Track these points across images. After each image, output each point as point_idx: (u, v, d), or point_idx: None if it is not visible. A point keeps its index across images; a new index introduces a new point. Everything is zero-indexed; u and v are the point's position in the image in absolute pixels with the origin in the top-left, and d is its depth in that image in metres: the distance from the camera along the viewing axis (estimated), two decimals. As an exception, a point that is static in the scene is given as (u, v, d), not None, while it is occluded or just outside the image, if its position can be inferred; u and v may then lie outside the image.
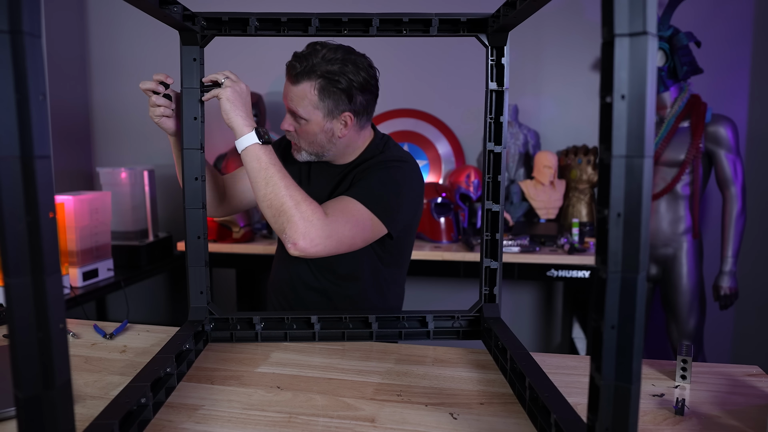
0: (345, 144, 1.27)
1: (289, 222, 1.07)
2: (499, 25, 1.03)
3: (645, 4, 0.48)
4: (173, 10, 0.98)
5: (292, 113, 1.23)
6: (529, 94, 2.76)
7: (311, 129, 1.22)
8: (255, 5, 1.66)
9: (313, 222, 1.07)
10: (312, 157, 1.29)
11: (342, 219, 1.13)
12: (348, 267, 1.31)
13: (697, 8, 2.49)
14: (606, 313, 0.52)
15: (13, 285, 0.48)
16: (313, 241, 1.07)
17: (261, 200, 1.10)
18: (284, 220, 1.07)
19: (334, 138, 1.24)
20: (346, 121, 1.23)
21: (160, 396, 0.86)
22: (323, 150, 1.26)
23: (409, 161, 1.29)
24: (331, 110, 1.20)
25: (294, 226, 1.06)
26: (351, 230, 1.14)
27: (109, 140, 3.18)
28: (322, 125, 1.21)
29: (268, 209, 1.09)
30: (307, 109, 1.19)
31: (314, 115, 1.20)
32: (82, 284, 2.14)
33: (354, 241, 1.16)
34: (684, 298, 2.12)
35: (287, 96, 1.22)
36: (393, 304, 1.40)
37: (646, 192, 0.50)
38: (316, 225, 1.07)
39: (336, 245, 1.12)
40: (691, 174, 2.11)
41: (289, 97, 1.21)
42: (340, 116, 1.22)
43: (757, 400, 0.89)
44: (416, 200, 1.29)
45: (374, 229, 1.18)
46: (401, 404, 0.87)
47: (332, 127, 1.23)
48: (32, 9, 0.48)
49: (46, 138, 0.49)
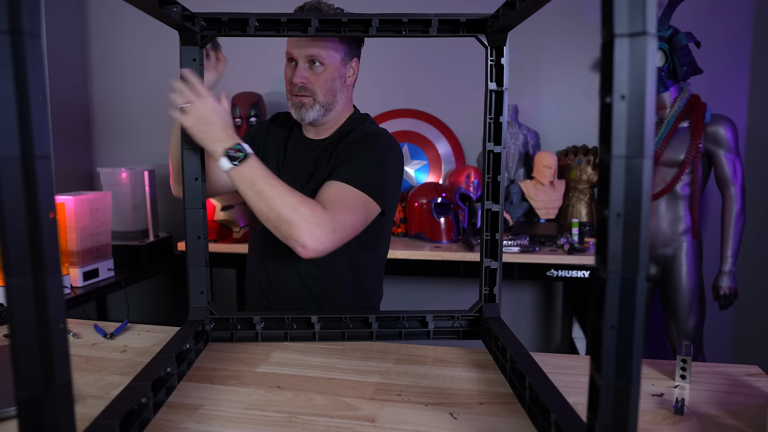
0: (346, 100, 1.33)
1: (292, 228, 1.06)
2: (498, 26, 1.03)
3: (645, 5, 0.48)
4: (173, 11, 0.98)
5: (309, 61, 1.24)
6: (528, 94, 2.76)
7: (329, 75, 1.26)
8: (255, 5, 1.66)
9: (315, 221, 1.07)
10: (321, 111, 1.29)
11: (341, 209, 1.13)
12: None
13: (696, 8, 2.49)
14: (606, 313, 0.52)
15: (13, 285, 0.48)
16: (321, 239, 1.07)
17: (259, 214, 1.10)
18: (286, 228, 1.07)
19: (344, 86, 1.30)
20: (354, 68, 1.31)
21: (161, 396, 0.86)
22: (334, 100, 1.29)
23: (386, 135, 1.32)
24: (347, 53, 1.28)
25: (298, 230, 1.06)
26: (351, 217, 1.14)
27: (109, 140, 3.18)
28: (339, 69, 1.27)
29: (268, 221, 1.09)
30: (329, 52, 1.24)
31: (334, 58, 1.25)
32: (82, 284, 2.14)
33: (356, 227, 1.17)
34: (684, 298, 2.12)
35: (299, 43, 1.23)
36: (369, 291, 1.40)
37: (646, 192, 0.50)
38: (319, 223, 1.07)
39: (342, 236, 1.12)
40: (690, 174, 2.11)
41: (304, 42, 1.23)
42: (350, 62, 1.30)
43: (757, 400, 0.89)
44: (399, 174, 1.31)
45: (369, 209, 1.19)
46: (401, 404, 0.87)
47: (345, 73, 1.29)
48: (32, 9, 0.48)
49: (46, 138, 0.49)
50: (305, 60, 1.24)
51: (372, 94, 2.89)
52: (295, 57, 1.25)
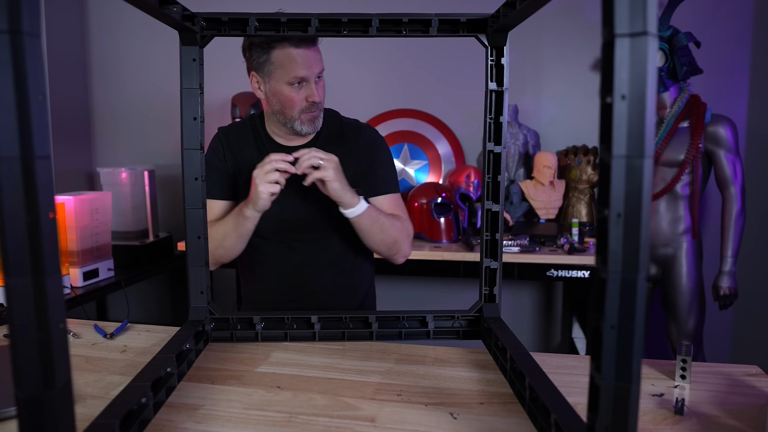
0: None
1: (401, 245, 1.32)
2: (498, 26, 1.03)
3: (645, 4, 0.48)
4: (173, 11, 0.98)
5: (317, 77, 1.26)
6: (529, 94, 2.76)
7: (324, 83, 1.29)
8: (255, 5, 1.66)
9: (410, 233, 1.36)
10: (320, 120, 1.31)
11: (405, 215, 1.37)
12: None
13: (696, 8, 2.49)
14: (606, 313, 0.52)
15: (13, 285, 0.48)
16: (410, 245, 1.36)
17: (377, 245, 1.29)
18: (397, 247, 1.32)
19: None
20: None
21: (161, 396, 0.86)
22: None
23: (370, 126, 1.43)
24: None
25: (405, 245, 1.33)
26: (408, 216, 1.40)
27: (109, 140, 3.18)
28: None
29: (384, 247, 1.30)
30: (321, 64, 1.26)
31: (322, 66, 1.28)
32: (82, 284, 2.14)
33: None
34: (683, 298, 2.12)
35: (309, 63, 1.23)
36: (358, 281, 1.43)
37: (646, 192, 0.50)
38: (409, 234, 1.35)
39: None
40: (690, 174, 2.11)
41: (314, 59, 1.23)
42: None
43: (757, 400, 0.89)
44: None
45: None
46: (401, 404, 0.87)
47: None
48: (32, 9, 0.48)
49: (46, 138, 0.49)
50: (315, 76, 1.24)
51: (372, 94, 2.89)
52: (308, 77, 1.24)
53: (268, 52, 1.23)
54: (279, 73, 1.23)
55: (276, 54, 1.22)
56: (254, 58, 1.26)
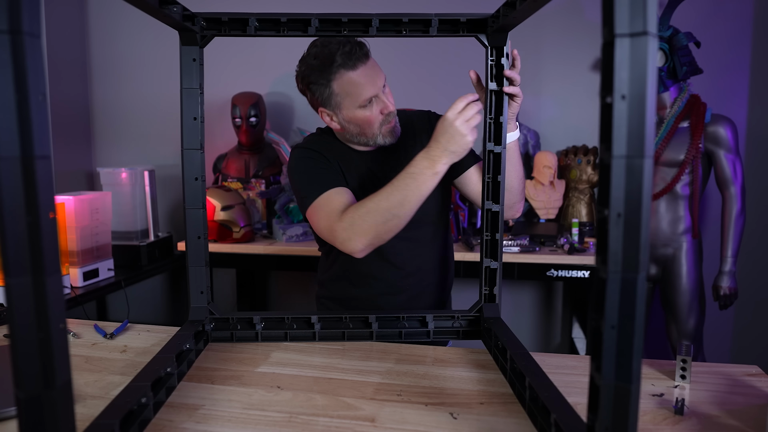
0: None
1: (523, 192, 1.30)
2: (498, 26, 1.03)
3: (645, 5, 0.48)
4: (173, 11, 0.98)
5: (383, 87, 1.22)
6: (529, 94, 2.76)
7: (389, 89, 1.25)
8: (255, 5, 1.66)
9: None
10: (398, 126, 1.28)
11: None
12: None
13: (696, 8, 2.49)
14: (606, 313, 0.52)
15: (13, 285, 0.48)
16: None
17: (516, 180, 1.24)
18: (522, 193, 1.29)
19: None
20: None
21: (161, 396, 0.86)
22: None
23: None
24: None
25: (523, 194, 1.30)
26: None
27: (109, 140, 3.18)
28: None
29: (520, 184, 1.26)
30: (382, 72, 1.22)
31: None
32: (82, 284, 2.13)
33: None
34: (684, 298, 2.12)
35: (372, 80, 1.18)
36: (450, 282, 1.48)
37: (646, 192, 0.50)
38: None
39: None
40: (690, 174, 2.11)
41: (374, 73, 1.19)
42: None
43: (757, 400, 0.89)
44: None
45: None
46: (401, 404, 0.87)
47: None
48: (32, 9, 0.48)
49: (46, 138, 0.49)
50: (383, 86, 1.21)
51: (372, 94, 2.88)
52: (376, 94, 1.20)
53: (329, 86, 1.18)
54: (348, 102, 1.19)
55: (336, 84, 1.17)
56: (317, 95, 1.20)
